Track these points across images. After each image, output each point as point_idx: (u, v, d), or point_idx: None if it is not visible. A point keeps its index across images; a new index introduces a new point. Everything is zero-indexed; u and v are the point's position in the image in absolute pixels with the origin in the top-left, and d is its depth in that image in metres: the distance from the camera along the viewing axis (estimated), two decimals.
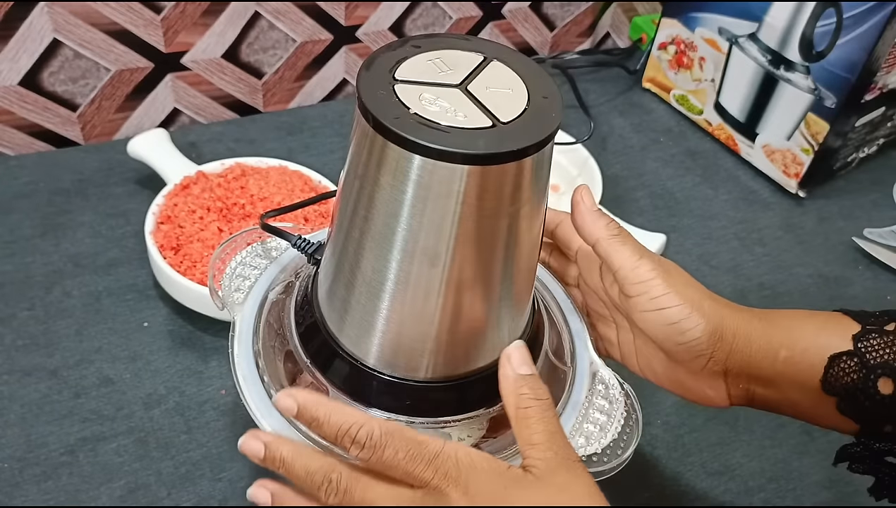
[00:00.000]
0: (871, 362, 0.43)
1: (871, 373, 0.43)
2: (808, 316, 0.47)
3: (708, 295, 0.45)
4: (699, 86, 0.97)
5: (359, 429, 0.37)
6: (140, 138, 0.76)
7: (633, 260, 0.44)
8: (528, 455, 0.39)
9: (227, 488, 0.56)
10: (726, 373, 0.46)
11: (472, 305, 0.40)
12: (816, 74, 0.83)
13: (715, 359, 0.45)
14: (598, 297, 0.50)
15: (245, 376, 0.45)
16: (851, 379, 0.43)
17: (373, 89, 0.36)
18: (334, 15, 0.90)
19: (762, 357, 0.45)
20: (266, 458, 0.39)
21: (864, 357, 0.43)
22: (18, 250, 0.70)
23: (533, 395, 0.40)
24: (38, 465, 0.56)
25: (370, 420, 0.38)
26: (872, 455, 0.46)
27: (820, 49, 0.82)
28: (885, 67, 0.80)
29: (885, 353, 0.43)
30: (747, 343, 0.45)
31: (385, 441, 0.37)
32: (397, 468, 0.37)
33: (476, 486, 0.37)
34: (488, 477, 0.37)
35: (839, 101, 0.82)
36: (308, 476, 0.38)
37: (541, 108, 0.37)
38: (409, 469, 0.37)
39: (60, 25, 0.76)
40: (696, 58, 0.95)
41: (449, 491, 0.37)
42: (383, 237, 0.38)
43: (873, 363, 0.43)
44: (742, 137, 0.93)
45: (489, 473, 0.38)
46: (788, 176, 0.90)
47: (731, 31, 0.90)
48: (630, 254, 0.44)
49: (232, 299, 0.49)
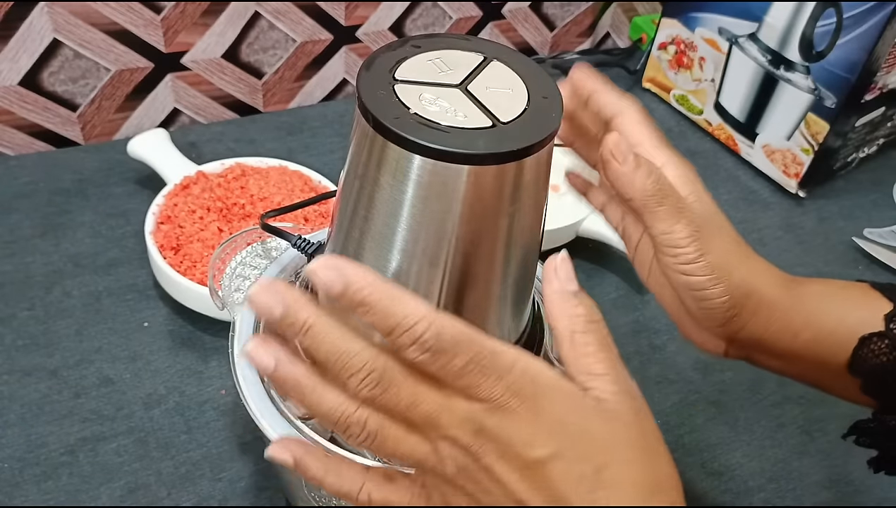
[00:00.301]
0: None
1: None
2: (838, 292, 0.45)
3: (742, 259, 0.42)
4: (699, 87, 0.97)
5: (427, 325, 0.29)
6: (140, 138, 0.76)
7: (668, 225, 0.40)
8: (594, 387, 0.33)
9: (227, 488, 0.56)
10: (733, 340, 0.45)
11: (471, 305, 0.40)
12: (816, 74, 0.83)
13: (726, 328, 0.43)
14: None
15: (245, 376, 0.45)
16: (881, 361, 0.42)
17: (373, 89, 0.36)
18: (334, 15, 0.90)
19: (778, 337, 0.43)
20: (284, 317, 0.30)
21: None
22: (18, 250, 0.70)
23: (588, 317, 0.34)
24: (38, 465, 0.56)
25: (438, 315, 0.30)
26: (886, 431, 0.45)
27: (820, 49, 0.82)
28: (885, 67, 0.80)
29: None
30: (766, 322, 0.43)
31: (457, 348, 0.30)
32: (463, 380, 0.30)
33: (551, 409, 0.31)
34: (564, 402, 0.32)
35: (839, 101, 0.82)
36: (339, 358, 0.30)
37: (541, 108, 0.37)
38: (475, 383, 0.30)
39: (60, 25, 0.76)
40: (696, 58, 0.95)
41: (518, 409, 0.31)
42: (383, 237, 0.38)
43: None
44: (742, 137, 0.93)
45: (566, 397, 0.32)
46: (788, 176, 0.90)
47: (731, 31, 0.90)
48: (665, 218, 0.40)
49: (232, 299, 0.49)
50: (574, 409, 0.32)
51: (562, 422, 0.31)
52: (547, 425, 0.31)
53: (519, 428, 0.31)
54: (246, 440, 0.59)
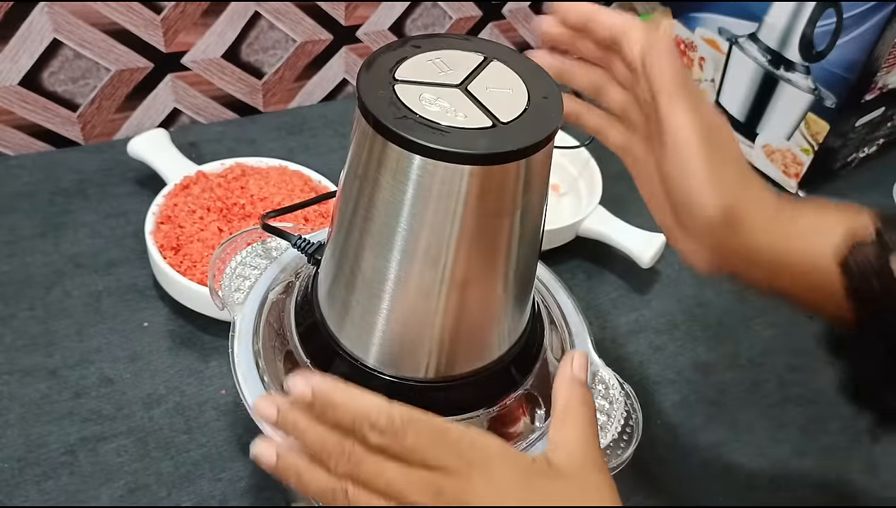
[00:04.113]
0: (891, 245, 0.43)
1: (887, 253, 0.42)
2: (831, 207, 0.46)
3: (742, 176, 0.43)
4: (699, 87, 0.97)
5: (379, 415, 0.36)
6: (140, 138, 0.76)
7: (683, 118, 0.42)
8: (557, 451, 0.38)
9: (227, 488, 0.56)
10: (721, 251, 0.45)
11: (472, 305, 0.40)
12: (816, 74, 0.83)
13: (717, 237, 0.44)
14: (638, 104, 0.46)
15: (245, 376, 0.45)
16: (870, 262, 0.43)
17: (373, 89, 0.36)
18: (334, 15, 0.90)
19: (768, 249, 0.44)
20: (279, 421, 0.38)
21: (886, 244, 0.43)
22: (18, 250, 0.70)
23: (583, 401, 0.40)
24: (38, 465, 0.56)
25: (391, 405, 0.36)
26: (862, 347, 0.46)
27: (820, 49, 0.82)
28: (885, 67, 0.80)
29: None
30: (757, 234, 0.44)
31: (407, 428, 0.36)
32: (417, 454, 0.36)
33: (500, 474, 0.36)
34: (513, 467, 0.37)
35: (839, 101, 0.82)
36: (322, 445, 0.37)
37: (541, 108, 0.37)
38: (430, 456, 0.36)
39: (60, 25, 0.76)
40: (696, 58, 0.95)
41: (472, 476, 0.36)
42: (383, 237, 0.38)
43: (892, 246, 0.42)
44: (742, 137, 0.93)
45: (514, 462, 0.37)
46: (788, 176, 0.90)
47: (731, 31, 0.90)
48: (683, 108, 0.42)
49: (232, 299, 0.49)
50: (522, 471, 0.37)
51: (512, 481, 0.36)
52: (497, 484, 0.36)
53: (474, 488, 0.36)
54: (246, 440, 0.59)
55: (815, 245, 0.44)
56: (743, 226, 0.43)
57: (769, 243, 0.44)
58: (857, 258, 0.43)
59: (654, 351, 0.72)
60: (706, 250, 0.45)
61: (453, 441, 0.36)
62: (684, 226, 0.45)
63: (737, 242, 0.44)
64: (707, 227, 0.43)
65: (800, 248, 0.44)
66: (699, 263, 0.46)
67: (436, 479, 0.36)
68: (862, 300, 0.44)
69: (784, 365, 0.72)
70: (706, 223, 0.43)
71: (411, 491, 0.36)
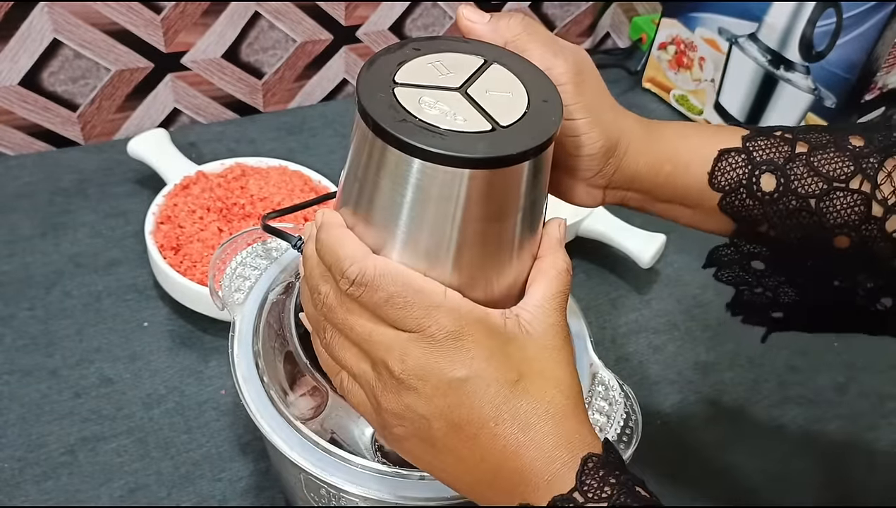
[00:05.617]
0: (757, 159, 0.44)
1: (756, 169, 0.44)
2: (699, 126, 0.47)
3: (610, 106, 0.44)
4: (699, 87, 0.97)
5: (352, 265, 0.36)
6: (140, 138, 0.76)
7: (547, 60, 0.41)
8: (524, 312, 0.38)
9: (227, 488, 0.57)
10: (608, 185, 0.46)
11: None
12: (816, 74, 0.83)
13: (602, 173, 0.44)
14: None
15: (245, 376, 0.45)
16: (737, 174, 0.44)
17: (373, 92, 0.36)
18: (334, 15, 0.90)
19: (647, 171, 0.45)
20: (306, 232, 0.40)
21: (752, 154, 0.44)
22: (18, 250, 0.70)
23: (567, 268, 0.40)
24: (38, 465, 0.56)
25: (366, 258, 0.36)
26: (741, 257, 0.48)
27: (820, 49, 0.82)
28: (884, 67, 0.80)
29: (771, 152, 0.44)
30: (636, 159, 0.45)
31: (378, 283, 0.35)
32: (389, 312, 0.35)
33: (471, 337, 0.36)
34: (486, 330, 0.36)
35: (839, 101, 0.82)
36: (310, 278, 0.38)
37: (541, 112, 0.37)
38: (401, 316, 0.35)
39: (60, 25, 0.76)
40: (695, 58, 0.95)
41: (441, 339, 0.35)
42: (383, 239, 0.38)
43: (759, 160, 0.44)
44: None
45: (488, 327, 0.36)
46: None
47: (731, 31, 0.90)
48: (542, 53, 0.41)
49: (232, 299, 0.49)
50: (494, 335, 0.36)
51: (480, 346, 0.36)
52: (465, 350, 0.35)
53: (441, 354, 0.35)
54: (246, 440, 0.59)
55: (690, 162, 0.45)
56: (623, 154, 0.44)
57: (647, 164, 0.45)
58: (723, 168, 0.44)
59: (653, 351, 0.72)
60: (596, 188, 0.46)
61: (433, 303, 0.35)
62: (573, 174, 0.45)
63: (620, 173, 0.45)
64: (594, 162, 0.44)
65: (675, 166, 0.45)
66: (592, 203, 0.47)
67: (404, 341, 0.35)
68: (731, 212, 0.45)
69: (784, 365, 0.72)
70: (592, 161, 0.44)
71: (377, 349, 0.36)
